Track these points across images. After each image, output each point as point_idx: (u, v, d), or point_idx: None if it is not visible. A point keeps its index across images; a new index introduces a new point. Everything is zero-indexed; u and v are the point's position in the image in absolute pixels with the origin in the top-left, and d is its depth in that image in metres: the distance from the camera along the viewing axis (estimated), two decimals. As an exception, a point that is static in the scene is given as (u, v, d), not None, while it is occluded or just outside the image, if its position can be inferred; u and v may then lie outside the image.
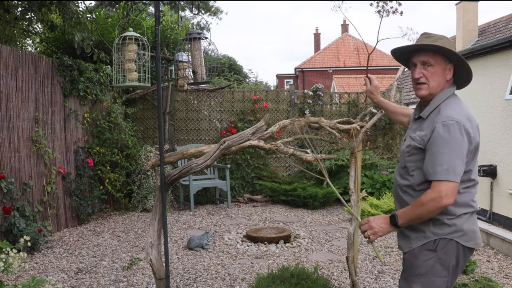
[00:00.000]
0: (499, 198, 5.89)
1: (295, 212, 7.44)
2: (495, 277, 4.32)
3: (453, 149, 1.91)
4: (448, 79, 2.09)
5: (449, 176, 1.89)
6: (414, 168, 2.05)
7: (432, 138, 1.95)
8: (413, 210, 1.98)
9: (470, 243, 2.03)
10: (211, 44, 3.76)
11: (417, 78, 2.08)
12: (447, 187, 1.90)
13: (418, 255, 2.05)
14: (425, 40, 2.09)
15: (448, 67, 2.08)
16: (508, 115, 5.67)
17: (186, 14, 12.49)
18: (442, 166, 1.90)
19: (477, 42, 12.65)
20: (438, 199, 1.90)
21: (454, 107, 2.02)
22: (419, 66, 2.08)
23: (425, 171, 1.97)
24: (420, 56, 2.08)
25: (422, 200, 1.94)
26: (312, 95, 8.89)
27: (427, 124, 2.03)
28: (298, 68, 29.53)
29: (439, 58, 2.06)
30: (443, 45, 2.03)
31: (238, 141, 3.07)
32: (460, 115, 1.96)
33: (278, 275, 3.52)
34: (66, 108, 6.33)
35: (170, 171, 3.14)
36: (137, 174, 7.52)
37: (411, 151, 2.06)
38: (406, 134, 2.22)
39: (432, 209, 1.93)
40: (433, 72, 2.05)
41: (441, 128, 1.93)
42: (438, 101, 2.06)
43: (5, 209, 4.83)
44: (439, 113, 2.01)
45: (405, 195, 2.11)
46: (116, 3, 7.13)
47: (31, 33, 7.93)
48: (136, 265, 4.64)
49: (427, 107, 2.09)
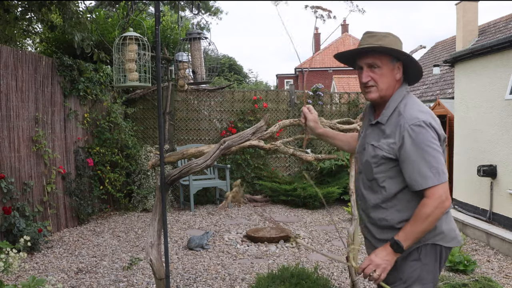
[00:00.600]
0: (499, 198, 5.89)
1: (295, 212, 7.44)
2: (495, 277, 4.32)
3: (431, 149, 1.80)
4: (398, 79, 1.95)
5: (440, 178, 1.80)
6: (384, 178, 1.90)
7: (406, 146, 1.81)
8: (417, 227, 1.81)
9: (451, 243, 1.94)
10: (211, 44, 3.76)
11: (365, 82, 1.93)
12: (444, 189, 1.81)
13: (402, 267, 1.90)
14: (368, 40, 1.93)
15: (397, 66, 1.93)
16: (508, 115, 5.67)
17: (186, 14, 12.49)
18: (431, 170, 1.79)
19: (477, 42, 12.65)
20: (442, 205, 1.80)
21: (414, 107, 1.89)
22: (366, 69, 1.93)
23: (411, 182, 1.82)
24: (365, 59, 1.93)
25: (426, 212, 1.79)
26: (312, 95, 8.90)
27: (391, 129, 1.88)
28: (298, 68, 29.53)
29: (386, 58, 1.91)
30: (388, 44, 1.89)
31: (238, 141, 3.07)
32: (423, 114, 1.85)
33: (278, 275, 3.52)
34: (66, 108, 6.33)
35: (170, 171, 3.15)
36: (137, 174, 7.52)
37: (378, 161, 1.90)
38: (362, 142, 2.03)
39: (438, 217, 1.81)
40: (381, 73, 1.91)
41: (412, 133, 1.81)
42: (394, 102, 1.92)
43: (5, 209, 4.83)
44: (401, 116, 1.87)
45: (379, 211, 1.94)
46: (116, 3, 7.12)
47: (31, 33, 7.92)
48: (136, 265, 4.64)
49: (384, 111, 1.94)
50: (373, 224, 1.98)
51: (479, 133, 6.39)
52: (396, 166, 1.87)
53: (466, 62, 6.78)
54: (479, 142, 6.38)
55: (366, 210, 2.01)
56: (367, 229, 2.03)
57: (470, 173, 6.57)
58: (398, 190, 1.88)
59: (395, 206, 1.89)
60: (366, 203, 1.99)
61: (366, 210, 2.01)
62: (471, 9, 12.85)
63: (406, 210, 1.88)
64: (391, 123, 1.90)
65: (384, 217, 1.92)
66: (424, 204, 1.80)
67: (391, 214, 1.90)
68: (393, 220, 1.90)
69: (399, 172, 1.87)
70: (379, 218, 1.94)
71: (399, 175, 1.87)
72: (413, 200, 1.87)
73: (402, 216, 1.88)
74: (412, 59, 1.92)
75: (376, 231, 1.97)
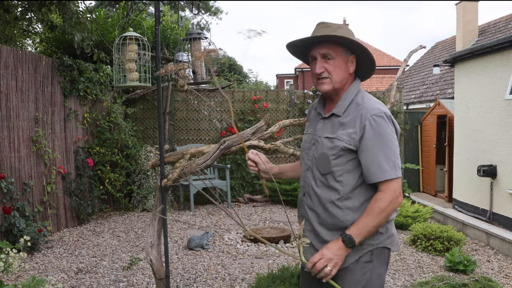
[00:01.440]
0: (499, 198, 5.89)
1: (295, 212, 7.44)
2: (495, 277, 4.32)
3: (391, 142, 1.76)
4: (351, 72, 1.90)
5: (397, 172, 1.75)
6: (342, 172, 1.82)
7: (367, 136, 1.76)
8: (371, 221, 1.74)
9: (395, 247, 1.89)
10: (211, 44, 3.76)
11: (319, 74, 1.86)
12: (398, 184, 1.76)
13: (354, 270, 1.83)
14: (323, 30, 1.86)
15: (350, 59, 1.88)
16: (508, 115, 5.67)
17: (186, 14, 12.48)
18: (388, 163, 1.74)
19: (477, 42, 12.65)
20: (395, 200, 1.75)
21: (371, 99, 1.86)
22: (320, 60, 1.86)
23: (369, 173, 1.76)
24: (319, 49, 1.85)
25: (380, 206, 1.73)
26: (312, 95, 8.90)
27: (349, 119, 1.82)
28: (298, 68, 29.54)
29: (340, 50, 1.85)
30: (343, 35, 1.82)
31: (238, 141, 3.07)
32: (383, 107, 1.82)
33: (278, 275, 3.52)
34: (66, 108, 6.33)
35: (170, 171, 3.14)
36: (137, 174, 7.52)
37: (338, 153, 1.81)
38: (311, 138, 1.96)
39: (391, 213, 1.77)
40: (335, 65, 1.85)
41: (374, 123, 1.76)
42: (351, 95, 1.87)
43: (5, 209, 4.83)
44: (360, 106, 1.82)
45: (333, 210, 1.84)
46: (116, 3, 7.12)
47: (31, 33, 7.93)
48: (136, 265, 4.64)
49: (340, 103, 1.88)
50: (322, 225, 1.88)
51: (479, 133, 6.39)
52: (354, 159, 1.81)
53: (466, 62, 6.78)
54: (479, 142, 6.38)
55: (317, 208, 1.89)
56: (313, 231, 1.91)
57: (470, 173, 6.57)
58: (355, 186, 1.81)
59: (350, 206, 1.81)
60: (318, 200, 1.88)
61: (317, 208, 1.89)
62: (471, 9, 12.85)
63: (360, 210, 1.81)
64: (349, 114, 1.84)
65: (338, 217, 1.83)
66: (378, 199, 1.75)
67: (345, 215, 1.82)
68: (347, 221, 1.81)
69: (357, 166, 1.81)
70: (332, 217, 1.84)
71: (356, 169, 1.81)
72: (367, 201, 1.81)
73: (356, 216, 1.80)
74: (366, 51, 1.87)
75: (326, 233, 1.87)
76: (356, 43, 1.84)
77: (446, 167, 8.22)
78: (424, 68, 15.70)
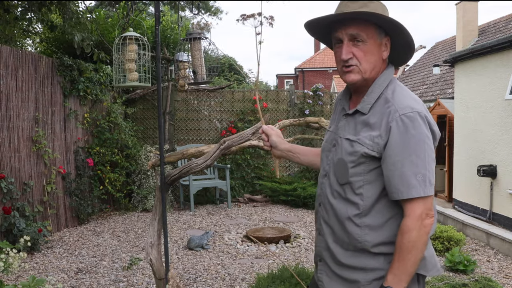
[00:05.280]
0: (499, 198, 5.89)
1: (295, 212, 7.44)
2: (495, 277, 4.32)
3: (423, 150, 1.40)
4: (385, 58, 1.54)
5: (426, 189, 1.39)
6: (362, 183, 1.48)
7: (392, 141, 1.41)
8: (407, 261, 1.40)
9: (432, 272, 1.52)
10: (211, 44, 3.76)
11: (346, 60, 1.49)
12: (427, 205, 1.40)
13: None
14: (351, 5, 1.46)
15: (384, 42, 1.52)
16: (508, 115, 5.67)
17: (186, 14, 12.48)
18: (416, 176, 1.39)
19: (477, 42, 12.66)
20: (424, 226, 1.39)
21: (404, 93, 1.50)
22: (347, 43, 1.49)
23: (391, 188, 1.42)
24: (347, 29, 1.48)
25: (409, 239, 1.38)
26: (312, 95, 8.90)
27: (375, 120, 1.47)
28: (298, 68, 29.55)
29: (373, 31, 1.48)
30: (376, 10, 1.44)
31: (238, 141, 3.07)
32: (417, 104, 1.46)
33: (278, 275, 3.52)
34: (66, 108, 6.33)
35: (170, 171, 3.15)
36: (137, 174, 7.52)
37: (357, 160, 1.47)
38: (332, 137, 1.62)
39: (426, 240, 1.42)
40: (366, 50, 1.48)
41: (402, 125, 1.41)
42: (379, 87, 1.51)
43: (5, 209, 4.83)
44: (389, 103, 1.46)
45: (350, 227, 1.50)
46: (116, 3, 7.11)
47: (31, 33, 7.93)
48: (136, 265, 4.64)
49: (366, 98, 1.52)
50: (337, 243, 1.55)
51: (479, 133, 6.39)
52: (378, 168, 1.47)
53: (466, 62, 6.78)
54: (479, 142, 6.38)
55: (332, 223, 1.56)
56: (328, 251, 1.58)
57: (470, 173, 6.57)
58: (377, 199, 1.47)
59: (370, 224, 1.47)
60: (334, 214, 1.55)
61: (332, 223, 1.56)
62: (471, 9, 12.85)
63: (382, 229, 1.47)
64: (375, 112, 1.49)
65: (355, 236, 1.49)
66: (405, 230, 1.40)
67: (364, 234, 1.48)
68: (367, 242, 1.48)
69: (380, 175, 1.47)
70: (349, 236, 1.50)
71: (379, 178, 1.47)
72: (393, 218, 1.48)
73: (378, 237, 1.47)
74: (404, 30, 1.49)
75: (342, 254, 1.53)
76: (395, 22, 1.46)
77: (446, 167, 8.22)
78: (424, 68, 15.71)
